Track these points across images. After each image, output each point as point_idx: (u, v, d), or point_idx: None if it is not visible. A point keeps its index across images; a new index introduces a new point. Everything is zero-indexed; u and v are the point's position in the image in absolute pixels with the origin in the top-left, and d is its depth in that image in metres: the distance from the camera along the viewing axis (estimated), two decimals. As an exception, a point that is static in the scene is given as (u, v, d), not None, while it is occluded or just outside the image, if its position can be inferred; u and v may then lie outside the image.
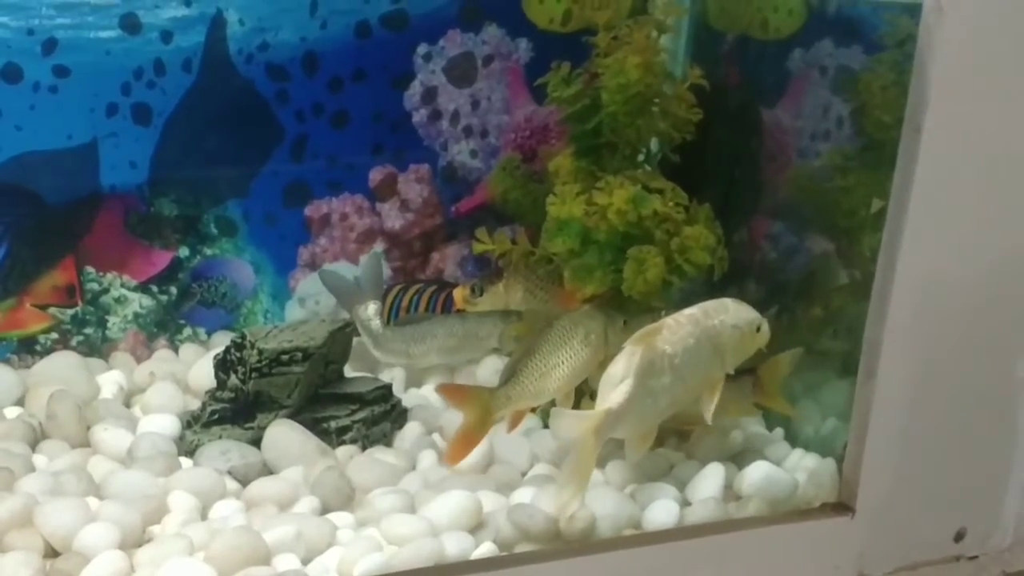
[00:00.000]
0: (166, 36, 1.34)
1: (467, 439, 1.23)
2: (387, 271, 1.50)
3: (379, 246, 1.50)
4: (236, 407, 1.28)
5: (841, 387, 1.27)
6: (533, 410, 1.29)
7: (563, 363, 1.25)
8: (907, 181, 1.19)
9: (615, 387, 1.14)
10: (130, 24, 1.33)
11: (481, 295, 1.45)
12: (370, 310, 1.42)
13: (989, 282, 1.24)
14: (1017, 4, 1.16)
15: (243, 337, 1.30)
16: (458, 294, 1.47)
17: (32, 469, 1.18)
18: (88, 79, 1.33)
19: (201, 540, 1.08)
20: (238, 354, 1.29)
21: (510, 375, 1.25)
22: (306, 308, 1.48)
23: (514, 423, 1.27)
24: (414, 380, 1.44)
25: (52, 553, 1.07)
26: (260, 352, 1.28)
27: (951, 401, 1.26)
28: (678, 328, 1.18)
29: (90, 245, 1.38)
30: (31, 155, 1.32)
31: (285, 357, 1.28)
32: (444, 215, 1.53)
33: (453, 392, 1.26)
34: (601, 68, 1.31)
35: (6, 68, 1.29)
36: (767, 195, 1.42)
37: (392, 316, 1.47)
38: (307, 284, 1.48)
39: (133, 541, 1.09)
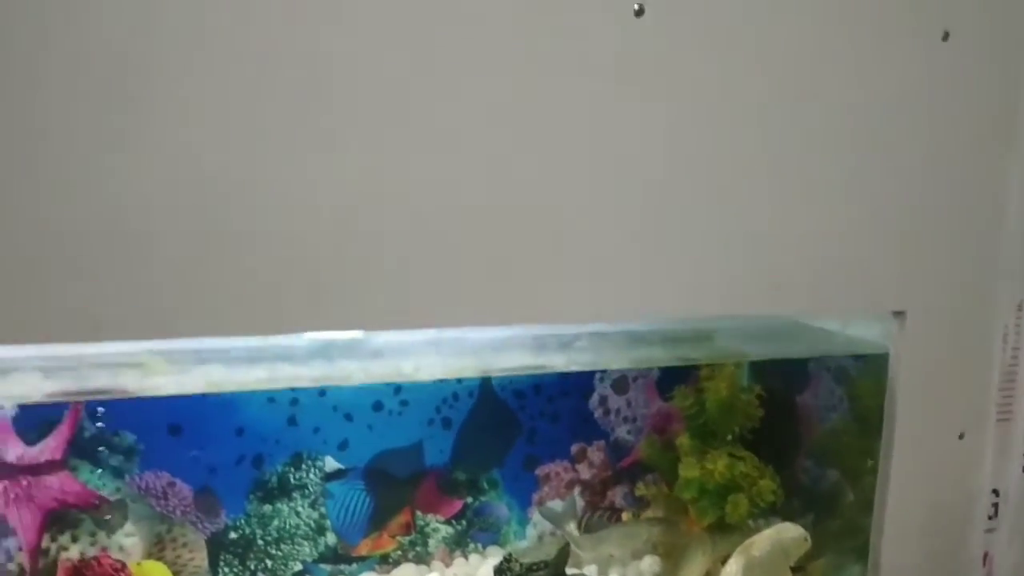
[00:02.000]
0: (460, 381, 1.50)
1: None
2: (581, 503, 1.59)
3: (576, 489, 1.60)
4: (509, 595, 1.38)
5: (855, 572, 1.33)
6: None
7: (695, 570, 1.35)
8: (888, 447, 1.29)
9: (733, 582, 1.25)
10: (441, 375, 1.49)
11: (638, 518, 1.56)
12: (572, 527, 1.51)
13: (942, 506, 1.32)
14: (945, 340, 1.28)
15: (510, 555, 1.39)
16: (625, 516, 1.58)
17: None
18: (417, 406, 1.48)
19: None
20: (507, 564, 1.38)
21: None
22: (536, 530, 1.58)
23: (675, 609, 1.36)
24: (603, 572, 1.50)
25: None
26: (520, 564, 1.37)
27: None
28: (762, 542, 1.28)
29: (418, 499, 1.50)
30: (388, 451, 1.47)
31: (535, 566, 1.37)
32: (613, 469, 1.61)
33: None
34: (704, 388, 1.45)
35: (375, 404, 1.45)
36: (803, 450, 1.50)
37: (585, 530, 1.54)
38: (537, 516, 1.58)
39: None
